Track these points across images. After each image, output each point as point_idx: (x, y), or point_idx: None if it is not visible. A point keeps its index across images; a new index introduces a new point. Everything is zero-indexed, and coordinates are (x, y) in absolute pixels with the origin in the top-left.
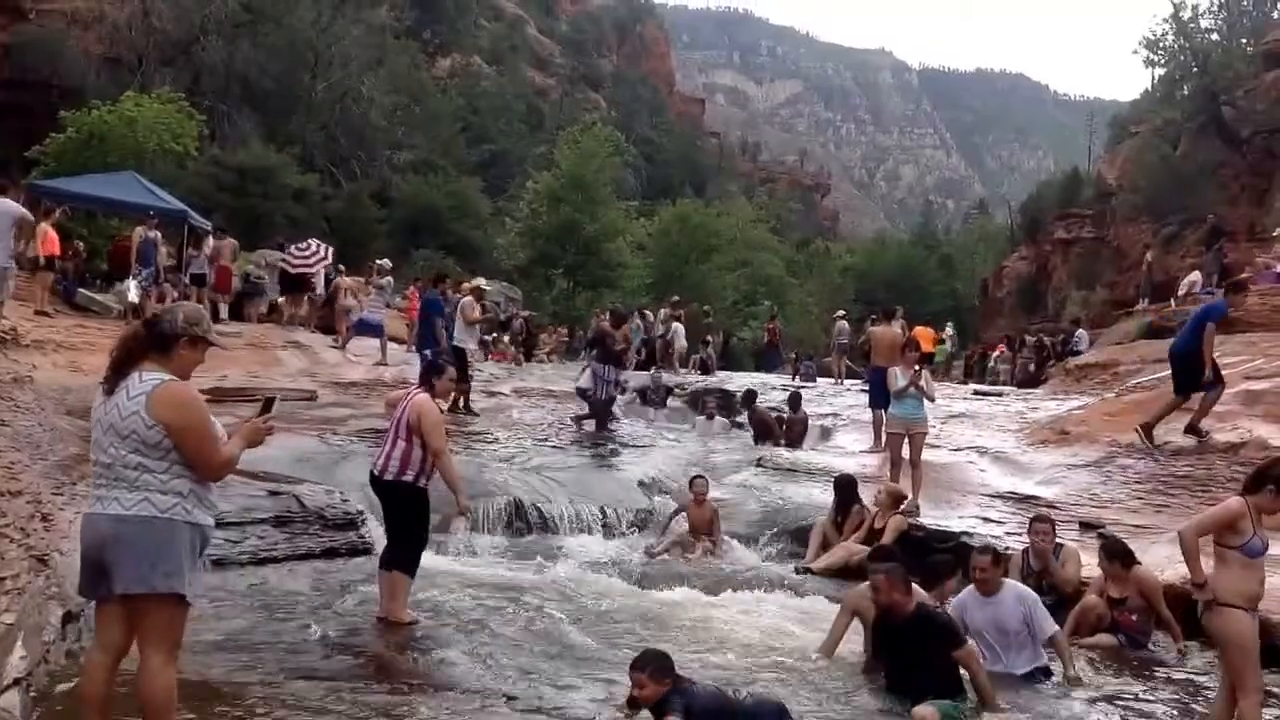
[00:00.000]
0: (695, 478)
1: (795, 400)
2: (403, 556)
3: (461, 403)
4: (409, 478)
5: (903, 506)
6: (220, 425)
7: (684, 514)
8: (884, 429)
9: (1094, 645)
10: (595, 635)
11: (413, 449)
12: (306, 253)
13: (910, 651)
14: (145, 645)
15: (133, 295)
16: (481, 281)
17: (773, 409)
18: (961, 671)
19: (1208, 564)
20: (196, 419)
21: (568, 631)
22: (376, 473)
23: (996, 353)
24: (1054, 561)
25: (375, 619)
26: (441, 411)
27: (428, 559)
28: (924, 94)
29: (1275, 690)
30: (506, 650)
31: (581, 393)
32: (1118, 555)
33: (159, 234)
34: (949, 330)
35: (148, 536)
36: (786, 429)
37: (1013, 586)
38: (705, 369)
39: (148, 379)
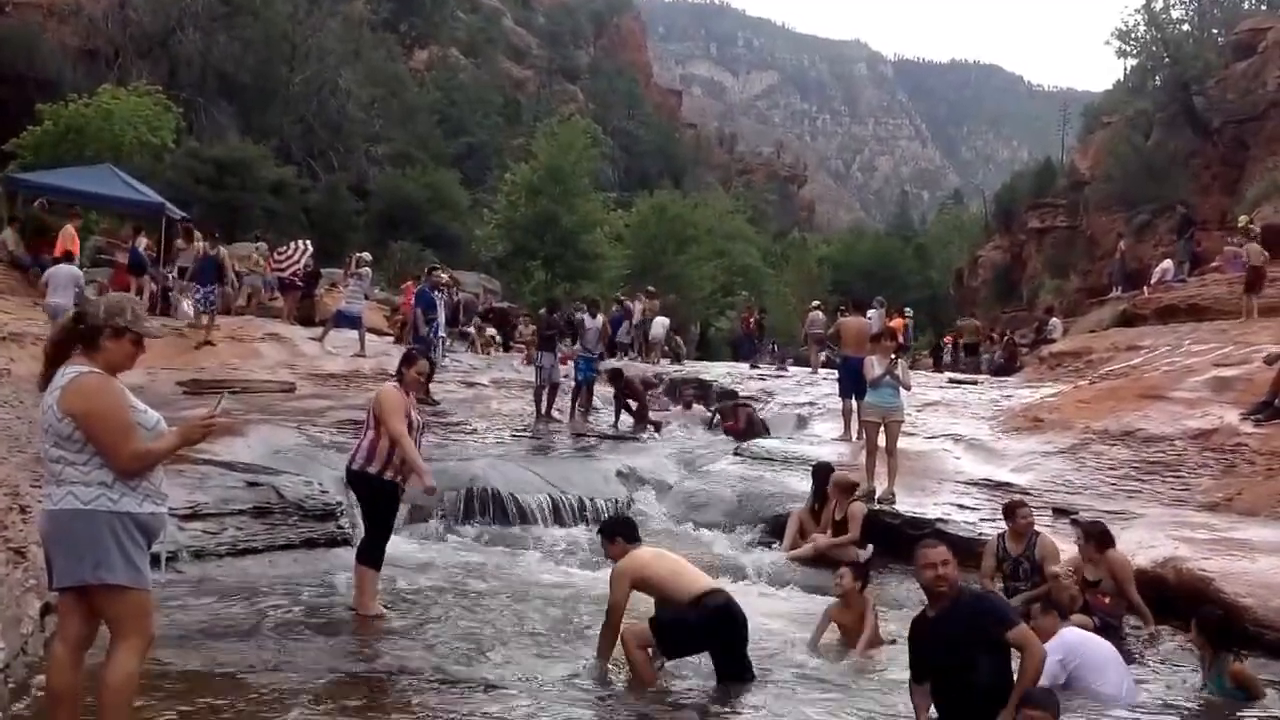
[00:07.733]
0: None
1: (730, 392)
2: (366, 548)
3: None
4: (374, 469)
5: (859, 492)
6: (157, 418)
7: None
8: (860, 417)
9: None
10: (572, 623)
11: (380, 440)
12: (283, 257)
13: (962, 646)
14: (111, 636)
15: (186, 308)
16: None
17: (751, 398)
18: None
19: None
20: (100, 407)
21: (544, 620)
22: (348, 462)
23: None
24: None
25: (350, 610)
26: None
27: (405, 548)
28: (899, 85)
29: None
30: (484, 638)
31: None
32: (1093, 536)
33: (221, 250)
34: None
35: (73, 529)
36: (726, 417)
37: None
38: (676, 357)
39: (68, 372)
